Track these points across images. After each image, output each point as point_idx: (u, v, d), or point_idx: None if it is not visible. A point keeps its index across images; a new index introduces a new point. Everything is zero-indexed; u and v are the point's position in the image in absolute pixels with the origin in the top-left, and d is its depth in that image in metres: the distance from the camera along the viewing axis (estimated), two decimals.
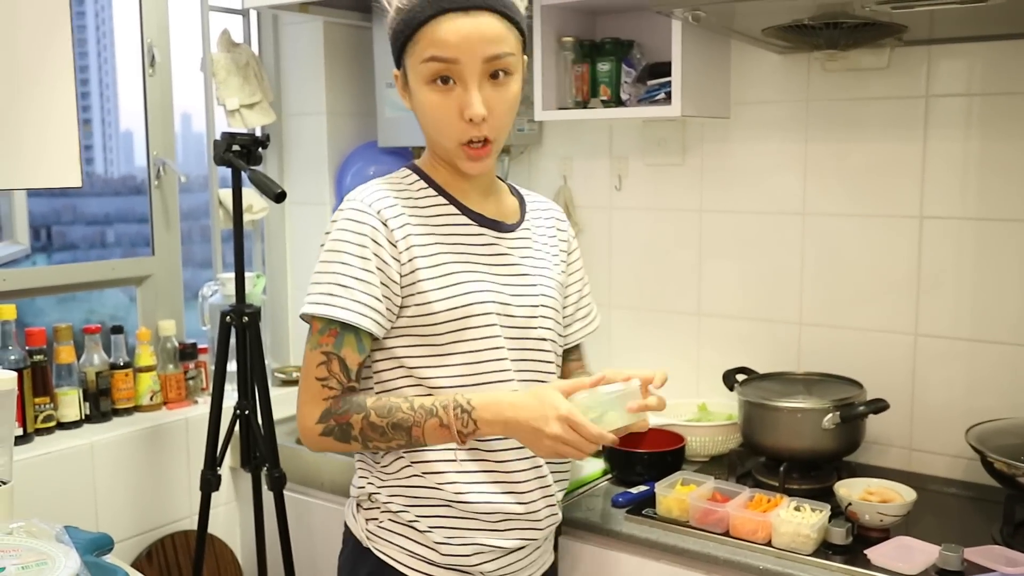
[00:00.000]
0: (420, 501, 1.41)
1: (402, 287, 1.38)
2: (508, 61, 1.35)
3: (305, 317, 1.38)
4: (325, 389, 1.36)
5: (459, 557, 1.41)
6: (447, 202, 1.44)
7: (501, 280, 1.43)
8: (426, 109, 1.37)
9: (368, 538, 1.44)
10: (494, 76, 1.35)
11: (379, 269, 1.36)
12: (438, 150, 1.43)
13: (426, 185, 1.45)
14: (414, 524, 1.41)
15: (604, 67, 2.19)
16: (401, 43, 1.37)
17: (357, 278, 1.35)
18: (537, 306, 1.46)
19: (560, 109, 2.25)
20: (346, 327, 1.35)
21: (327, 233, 1.39)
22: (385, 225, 1.37)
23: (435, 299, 1.38)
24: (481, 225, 1.45)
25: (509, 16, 1.35)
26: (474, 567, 1.42)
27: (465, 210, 1.45)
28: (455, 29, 1.31)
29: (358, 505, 1.48)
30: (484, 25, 1.32)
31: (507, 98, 1.37)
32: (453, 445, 1.37)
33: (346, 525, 1.51)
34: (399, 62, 1.40)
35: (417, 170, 1.47)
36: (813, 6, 1.67)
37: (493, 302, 1.41)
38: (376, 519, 1.44)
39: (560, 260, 1.55)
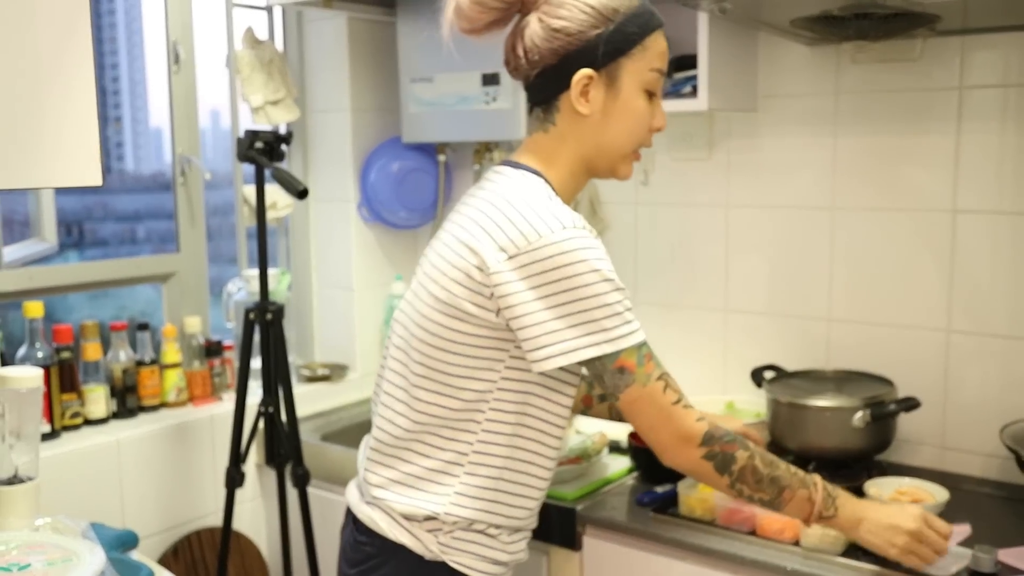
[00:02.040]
0: (493, 517, 1.43)
1: None
2: None
3: (605, 360, 1.31)
4: (689, 409, 1.34)
5: (519, 553, 1.49)
6: None
7: None
8: (636, 114, 1.40)
9: (443, 552, 1.41)
10: None
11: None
12: (600, 158, 1.42)
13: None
14: (485, 531, 1.43)
15: None
16: (627, 45, 1.35)
17: (627, 299, 1.33)
18: None
19: None
20: (648, 347, 1.33)
21: (564, 266, 1.29)
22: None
23: None
24: None
25: None
26: (521, 559, 1.51)
27: None
28: (666, 45, 1.42)
29: (412, 519, 1.42)
30: None
31: None
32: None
33: (386, 540, 1.43)
34: (601, 64, 1.36)
35: (548, 182, 1.41)
36: None
37: None
38: (444, 530, 1.42)
39: None
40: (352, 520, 1.52)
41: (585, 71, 1.36)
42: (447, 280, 1.36)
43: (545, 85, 1.39)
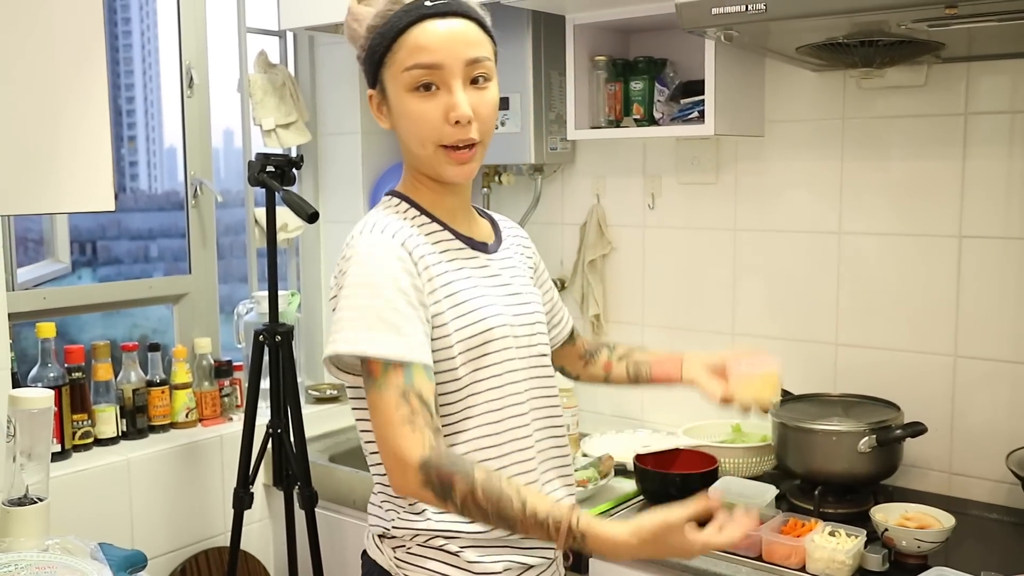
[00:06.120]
0: (450, 533, 1.38)
1: (430, 316, 1.34)
2: (488, 65, 1.36)
3: (354, 359, 1.29)
4: (416, 431, 1.26)
5: (491, 575, 1.39)
6: (441, 227, 1.42)
7: (503, 301, 1.42)
8: (410, 117, 1.35)
9: (397, 566, 1.40)
10: (475, 82, 1.34)
11: (419, 302, 1.32)
12: (421, 164, 1.40)
13: (417, 212, 1.42)
14: (445, 547, 1.38)
15: (637, 86, 2.18)
16: (378, 59, 1.36)
17: (401, 311, 1.30)
18: (535, 323, 1.47)
19: (593, 128, 2.25)
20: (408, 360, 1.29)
21: (342, 273, 1.33)
22: (410, 254, 1.34)
23: (454, 328, 1.35)
24: (472, 248, 1.44)
25: (483, 25, 1.37)
26: None
27: (456, 233, 1.43)
28: (436, 33, 1.32)
29: (380, 536, 1.44)
30: (463, 29, 1.34)
31: (490, 102, 1.36)
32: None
33: (366, 554, 1.47)
34: (374, 81, 1.39)
35: (402, 196, 1.43)
36: (848, 24, 1.65)
37: (506, 325, 1.40)
38: (404, 546, 1.41)
39: (532, 275, 1.56)
40: None
41: (369, 90, 1.42)
42: None
43: None
